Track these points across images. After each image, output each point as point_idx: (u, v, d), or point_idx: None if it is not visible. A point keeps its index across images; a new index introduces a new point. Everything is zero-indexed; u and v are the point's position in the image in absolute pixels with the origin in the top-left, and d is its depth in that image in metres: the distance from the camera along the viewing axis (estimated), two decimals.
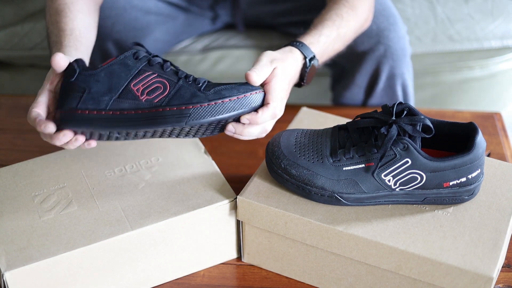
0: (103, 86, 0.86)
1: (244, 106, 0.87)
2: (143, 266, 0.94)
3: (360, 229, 0.87)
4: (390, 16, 1.29)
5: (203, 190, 0.96)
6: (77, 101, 0.86)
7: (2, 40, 1.60)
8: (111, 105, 0.86)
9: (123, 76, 0.87)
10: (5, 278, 0.84)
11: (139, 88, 0.87)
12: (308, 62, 0.99)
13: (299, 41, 1.00)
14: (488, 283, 0.82)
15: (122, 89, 0.87)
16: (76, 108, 0.86)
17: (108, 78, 0.87)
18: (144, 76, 0.88)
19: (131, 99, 0.86)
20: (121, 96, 0.86)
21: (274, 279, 0.99)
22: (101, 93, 0.86)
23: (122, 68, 0.88)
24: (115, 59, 0.88)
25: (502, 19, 1.58)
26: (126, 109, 0.86)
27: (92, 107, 0.86)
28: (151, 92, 0.87)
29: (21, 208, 0.94)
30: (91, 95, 0.86)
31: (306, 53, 0.99)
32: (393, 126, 0.86)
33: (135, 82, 0.87)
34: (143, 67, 0.88)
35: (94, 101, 0.86)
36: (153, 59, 0.89)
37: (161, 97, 0.86)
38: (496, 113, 1.35)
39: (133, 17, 1.33)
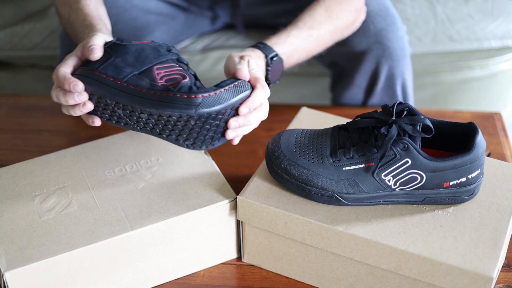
0: (129, 59, 0.89)
1: (241, 90, 0.89)
2: (143, 266, 0.94)
3: (360, 229, 0.88)
4: (388, 16, 1.29)
5: (203, 190, 0.96)
6: (100, 64, 0.89)
7: (2, 40, 1.60)
8: (129, 79, 0.88)
9: (150, 58, 0.90)
10: (5, 278, 0.84)
11: (160, 73, 0.89)
12: (269, 60, 1.03)
13: (261, 42, 1.05)
14: (488, 283, 0.82)
15: (146, 68, 0.89)
16: (96, 69, 0.88)
17: (137, 54, 0.90)
18: (170, 65, 0.90)
19: (149, 79, 0.88)
20: (141, 73, 0.88)
21: (274, 279, 0.99)
22: (124, 65, 0.89)
23: (153, 52, 0.91)
24: (150, 42, 0.92)
25: (502, 19, 1.58)
26: (140, 86, 0.88)
27: (111, 74, 0.88)
28: (170, 80, 0.88)
29: (21, 208, 0.94)
30: (115, 63, 0.89)
31: (267, 52, 1.03)
32: (393, 126, 0.86)
33: (159, 66, 0.89)
34: (172, 59, 0.91)
35: (115, 69, 0.88)
36: (182, 58, 0.93)
37: (175, 84, 0.88)
38: (496, 113, 1.35)
39: (133, 17, 1.33)
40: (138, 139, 1.06)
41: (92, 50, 0.89)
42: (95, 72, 0.88)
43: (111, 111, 0.90)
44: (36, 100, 1.38)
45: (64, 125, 1.32)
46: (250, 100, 0.90)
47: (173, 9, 1.42)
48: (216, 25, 1.52)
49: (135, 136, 1.06)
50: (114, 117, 0.91)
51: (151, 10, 1.37)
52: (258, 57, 1.01)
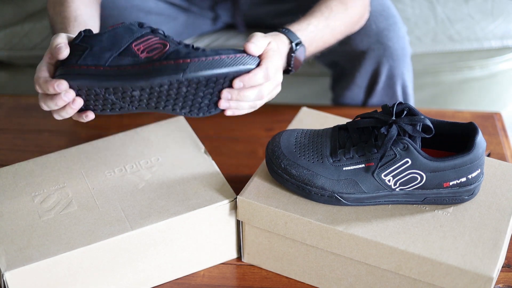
0: (105, 45, 0.88)
1: (240, 63, 0.87)
2: (143, 266, 0.94)
3: (360, 229, 0.87)
4: (389, 16, 1.29)
5: (203, 190, 0.96)
6: (78, 58, 0.87)
7: (2, 40, 1.60)
8: (111, 62, 0.87)
9: (126, 38, 0.89)
10: (5, 278, 0.84)
11: (139, 48, 0.88)
12: (294, 46, 1.01)
13: (285, 28, 1.03)
14: (488, 283, 0.82)
15: (124, 48, 0.88)
16: (75, 64, 0.87)
17: (112, 38, 0.88)
18: (146, 38, 0.89)
19: (130, 57, 0.87)
20: (121, 54, 0.88)
21: (274, 279, 0.99)
22: (101, 51, 0.88)
23: (126, 31, 0.89)
24: (120, 24, 0.90)
25: (502, 19, 1.58)
26: (124, 65, 0.87)
27: (92, 63, 0.87)
28: (151, 51, 0.87)
29: (21, 208, 0.94)
30: (92, 52, 0.87)
31: (292, 38, 1.02)
32: (393, 126, 0.86)
33: (136, 43, 0.88)
34: (147, 32, 0.90)
35: (94, 57, 0.87)
36: (157, 29, 0.91)
37: (160, 54, 0.87)
38: (496, 113, 1.35)
39: (134, 17, 1.33)
40: (138, 139, 1.06)
41: (59, 49, 0.87)
42: (74, 67, 0.87)
43: (103, 100, 0.89)
44: (36, 100, 1.37)
45: (64, 125, 1.32)
46: (248, 76, 0.88)
47: (173, 10, 1.42)
48: (217, 25, 1.52)
49: (135, 136, 1.06)
50: (107, 105, 0.90)
51: (151, 11, 1.37)
52: (282, 42, 0.99)
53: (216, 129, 1.28)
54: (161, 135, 1.06)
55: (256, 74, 0.89)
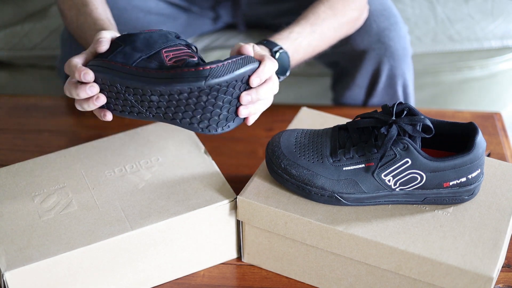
0: (138, 46, 0.90)
1: (250, 62, 0.88)
2: (143, 266, 0.94)
3: (360, 229, 0.87)
4: (391, 16, 1.29)
5: (203, 190, 0.96)
6: (110, 53, 0.90)
7: (2, 40, 1.60)
8: (138, 62, 0.88)
9: (159, 43, 0.90)
10: (5, 278, 0.84)
11: (169, 55, 0.89)
12: (274, 54, 1.02)
13: (264, 40, 1.05)
14: (488, 283, 0.82)
15: (154, 52, 0.89)
16: (106, 58, 0.89)
17: (145, 41, 0.90)
18: (178, 48, 0.91)
19: (157, 62, 0.88)
20: (150, 57, 0.89)
21: (274, 279, 0.99)
22: (133, 51, 0.89)
23: (161, 38, 0.91)
24: (158, 30, 0.93)
25: (502, 19, 1.58)
26: (149, 68, 0.88)
27: (120, 60, 0.89)
28: (178, 61, 0.88)
29: (21, 208, 0.94)
30: (124, 51, 0.90)
31: (270, 46, 1.03)
32: (393, 126, 0.86)
33: (167, 50, 0.90)
34: (180, 43, 0.92)
35: (125, 56, 0.89)
36: (192, 44, 0.93)
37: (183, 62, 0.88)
38: (496, 113, 1.35)
39: (134, 17, 1.33)
40: (138, 139, 1.06)
41: (100, 42, 0.90)
42: (104, 60, 0.89)
43: (123, 100, 0.89)
44: (36, 100, 1.38)
45: (64, 125, 1.32)
46: (260, 70, 0.89)
47: (174, 10, 1.42)
48: (217, 25, 1.52)
49: (135, 136, 1.06)
50: (126, 106, 0.90)
51: (152, 11, 1.37)
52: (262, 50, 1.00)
53: None
54: (161, 135, 1.06)
55: (266, 65, 0.90)
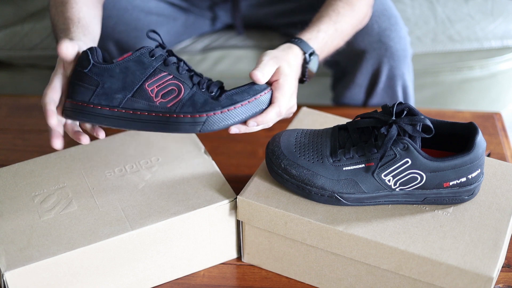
0: (117, 82, 0.87)
1: (254, 108, 0.89)
2: (143, 266, 0.94)
3: (360, 229, 0.87)
4: (391, 16, 1.29)
5: (203, 190, 0.96)
6: (90, 95, 0.87)
7: (2, 40, 1.60)
8: (125, 104, 0.87)
9: (137, 75, 0.87)
10: (5, 278, 0.84)
11: (153, 89, 0.87)
12: (308, 57, 1.00)
13: (297, 38, 1.02)
14: (488, 283, 0.82)
15: (137, 88, 0.87)
16: (88, 102, 0.87)
17: (123, 74, 0.87)
18: (160, 76, 0.88)
19: (145, 100, 0.87)
20: (135, 95, 0.87)
21: (274, 279, 0.99)
22: (114, 90, 0.87)
23: (137, 66, 0.88)
24: (130, 55, 0.88)
25: (502, 19, 1.58)
26: (139, 109, 0.87)
27: (105, 103, 0.87)
28: (166, 94, 0.87)
29: (21, 208, 0.94)
30: (104, 90, 0.87)
31: (305, 49, 1.00)
32: (393, 126, 0.86)
33: (149, 82, 0.87)
34: (158, 66, 0.89)
35: (108, 97, 0.87)
36: (169, 58, 0.89)
37: (175, 101, 0.87)
38: (496, 113, 1.35)
39: (135, 18, 1.33)
40: (138, 139, 1.06)
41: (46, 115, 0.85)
42: (88, 105, 0.87)
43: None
44: (36, 100, 1.38)
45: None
46: (261, 116, 0.90)
47: (174, 10, 1.42)
48: (216, 26, 1.53)
49: (135, 136, 1.06)
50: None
51: (152, 11, 1.37)
52: (295, 55, 0.98)
53: None
54: (161, 135, 1.06)
55: (269, 114, 0.90)
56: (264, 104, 0.90)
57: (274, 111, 0.90)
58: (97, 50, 0.89)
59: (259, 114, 0.89)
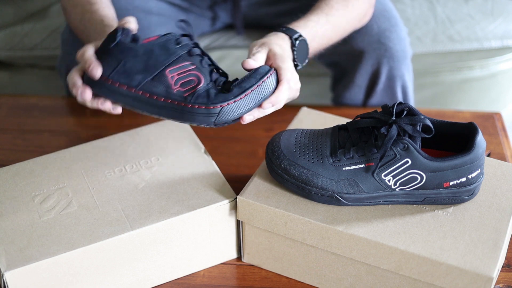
0: (139, 63, 0.87)
1: (264, 91, 0.89)
2: (143, 266, 0.94)
3: (360, 229, 0.87)
4: (391, 17, 1.30)
5: (203, 190, 0.96)
6: (111, 70, 0.87)
7: (2, 40, 1.60)
8: (143, 86, 0.87)
9: (160, 60, 0.87)
10: (5, 278, 0.84)
11: (173, 76, 0.87)
12: (294, 41, 1.01)
13: (283, 26, 1.04)
14: (488, 283, 0.82)
15: (158, 72, 0.87)
16: (108, 78, 0.87)
17: (146, 57, 0.87)
18: (182, 65, 0.88)
19: (163, 86, 0.87)
20: (154, 79, 0.87)
21: (274, 279, 0.99)
22: (135, 70, 0.87)
23: (161, 51, 0.88)
24: (157, 39, 0.88)
25: (502, 19, 1.58)
26: (156, 94, 0.87)
27: (124, 82, 0.87)
28: (185, 84, 0.87)
29: (21, 208, 0.94)
30: (126, 68, 0.87)
31: (290, 33, 1.02)
32: (393, 126, 0.86)
33: (171, 69, 0.87)
34: (182, 55, 0.88)
35: (128, 76, 0.87)
36: (193, 50, 0.89)
37: (191, 92, 0.87)
38: (496, 113, 1.35)
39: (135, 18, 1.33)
40: (138, 139, 1.06)
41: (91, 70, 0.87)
42: (107, 81, 0.87)
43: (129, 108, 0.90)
44: (36, 100, 1.38)
45: (64, 125, 1.32)
46: (274, 96, 0.90)
47: (174, 10, 1.42)
48: (216, 26, 1.53)
49: (135, 136, 1.06)
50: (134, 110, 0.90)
51: (152, 11, 1.37)
52: (282, 39, 1.00)
53: (215, 129, 1.28)
54: (161, 135, 1.06)
55: (280, 91, 0.90)
56: (272, 85, 0.90)
57: (284, 87, 0.91)
58: (128, 31, 0.89)
59: (271, 95, 0.90)
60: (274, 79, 0.90)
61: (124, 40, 0.88)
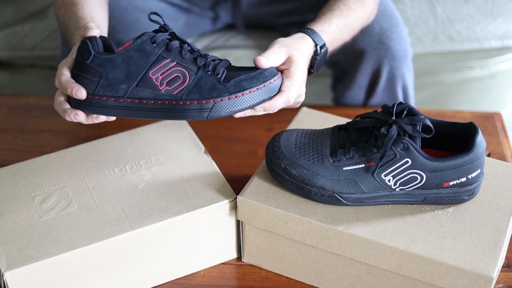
0: (121, 72, 0.86)
1: (263, 95, 0.88)
2: (143, 266, 0.94)
3: (360, 229, 0.87)
4: (392, 17, 1.30)
5: (203, 190, 0.96)
6: (95, 86, 0.86)
7: (2, 40, 1.60)
8: (130, 93, 0.86)
9: (141, 64, 0.86)
10: (5, 278, 0.84)
11: (158, 77, 0.86)
12: (319, 49, 1.00)
13: (310, 29, 1.01)
14: (488, 283, 0.82)
15: (141, 77, 0.86)
16: (93, 94, 0.86)
17: (126, 64, 0.86)
18: (163, 64, 0.87)
19: (150, 88, 0.86)
20: (139, 84, 0.86)
21: (274, 279, 0.99)
22: (118, 80, 0.86)
23: (139, 54, 0.86)
24: (131, 44, 0.87)
25: (502, 19, 1.58)
26: (145, 98, 0.86)
27: (111, 94, 0.86)
28: (171, 82, 0.86)
29: (21, 208, 0.94)
30: (108, 81, 0.86)
31: (317, 41, 1.00)
32: (393, 126, 0.86)
33: (153, 70, 0.86)
34: (161, 53, 0.87)
35: (112, 88, 0.86)
36: (171, 43, 0.88)
37: (181, 88, 0.86)
38: (496, 113, 1.35)
39: (135, 18, 1.33)
40: (138, 139, 1.06)
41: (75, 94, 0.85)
42: (94, 97, 0.86)
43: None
44: (36, 100, 1.38)
45: (64, 125, 1.32)
46: (269, 103, 0.89)
47: (174, 10, 1.42)
48: (217, 25, 1.52)
49: (135, 136, 1.06)
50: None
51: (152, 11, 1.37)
52: (307, 45, 0.98)
53: (215, 129, 1.28)
54: (161, 135, 1.06)
55: (277, 101, 0.90)
56: (273, 91, 0.89)
57: (283, 99, 0.90)
58: (96, 40, 0.87)
59: (268, 100, 0.89)
60: (277, 85, 0.89)
61: (98, 50, 0.86)
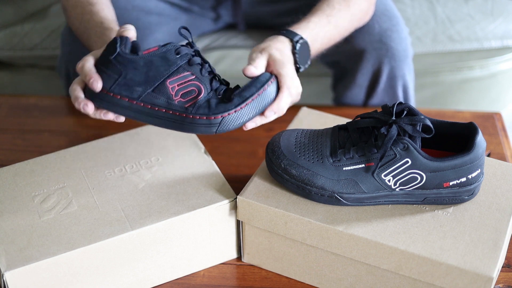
0: (140, 75, 0.87)
1: (265, 100, 0.89)
2: (143, 266, 0.94)
3: (360, 229, 0.87)
4: (393, 17, 1.30)
5: (203, 190, 0.96)
6: (112, 83, 0.87)
7: (2, 40, 1.60)
8: (144, 97, 0.87)
9: (161, 70, 0.87)
10: (5, 278, 0.84)
11: (174, 87, 0.88)
12: (295, 44, 1.01)
13: (284, 29, 1.03)
14: (488, 283, 0.82)
15: (158, 84, 0.87)
16: (109, 90, 0.87)
17: (147, 68, 0.87)
18: (182, 75, 0.88)
19: (164, 97, 0.88)
20: (155, 90, 0.87)
21: (274, 279, 0.99)
22: (136, 82, 0.87)
23: (161, 62, 0.88)
24: (156, 50, 0.88)
25: (502, 19, 1.58)
26: (157, 105, 0.88)
27: (125, 94, 0.87)
28: (185, 94, 0.88)
29: (21, 208, 0.94)
30: (126, 81, 0.87)
31: (291, 36, 1.01)
32: (393, 126, 0.86)
33: (172, 79, 0.88)
34: (182, 65, 0.89)
35: (128, 88, 0.87)
36: (193, 59, 0.90)
37: (192, 103, 0.88)
38: (496, 113, 1.35)
39: (135, 18, 1.33)
40: (138, 139, 1.06)
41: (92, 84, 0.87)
42: (108, 93, 0.87)
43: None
44: (36, 100, 1.38)
45: (64, 125, 1.32)
46: (276, 104, 0.91)
47: (174, 10, 1.42)
48: (218, 25, 1.52)
49: (135, 136, 1.06)
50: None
51: (152, 11, 1.37)
52: (281, 43, 0.99)
53: None
54: (161, 135, 1.06)
55: (282, 99, 0.91)
56: (273, 93, 0.90)
57: (285, 95, 0.91)
58: (127, 40, 0.89)
59: (272, 103, 0.90)
60: (274, 86, 0.91)
61: (124, 50, 0.87)
